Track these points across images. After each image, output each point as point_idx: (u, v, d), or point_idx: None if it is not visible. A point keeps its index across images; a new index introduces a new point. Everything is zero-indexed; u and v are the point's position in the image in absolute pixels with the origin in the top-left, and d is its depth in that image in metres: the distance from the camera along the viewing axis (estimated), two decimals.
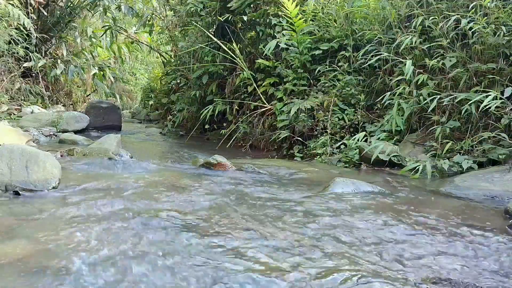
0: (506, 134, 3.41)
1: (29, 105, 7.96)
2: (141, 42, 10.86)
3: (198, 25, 6.51)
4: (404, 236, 1.96)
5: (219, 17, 6.31)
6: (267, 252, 1.68)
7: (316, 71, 5.33)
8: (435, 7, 4.36)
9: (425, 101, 3.98)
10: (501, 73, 3.79)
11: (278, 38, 5.50)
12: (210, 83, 6.67)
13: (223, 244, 1.74)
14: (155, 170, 3.42)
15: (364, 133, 4.28)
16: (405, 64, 4.16)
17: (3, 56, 7.65)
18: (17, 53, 7.77)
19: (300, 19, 5.26)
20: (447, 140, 3.69)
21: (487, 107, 3.40)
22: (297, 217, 2.19)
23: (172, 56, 9.38)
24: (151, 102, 11.34)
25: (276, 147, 5.37)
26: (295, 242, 1.81)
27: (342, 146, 4.44)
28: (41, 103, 8.57)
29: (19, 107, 7.69)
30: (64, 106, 9.64)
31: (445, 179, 3.29)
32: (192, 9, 6.65)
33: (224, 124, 6.42)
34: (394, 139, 4.27)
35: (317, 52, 5.39)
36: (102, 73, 10.03)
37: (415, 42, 4.30)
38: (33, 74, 8.73)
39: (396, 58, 4.48)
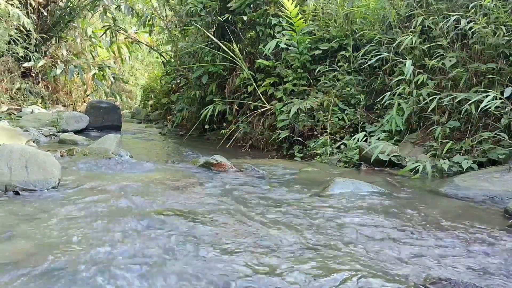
0: (506, 134, 3.41)
1: (29, 105, 7.96)
2: (141, 42, 10.86)
3: (198, 25, 6.51)
4: (404, 236, 1.96)
5: (219, 17, 6.31)
6: (266, 252, 1.67)
7: (316, 71, 5.33)
8: (435, 7, 4.36)
9: (425, 101, 3.98)
10: (501, 73, 3.79)
11: (278, 38, 5.50)
12: (210, 83, 6.67)
13: (223, 244, 1.74)
14: (155, 170, 3.42)
15: (364, 133, 4.28)
16: (405, 64, 4.16)
17: (3, 56, 7.65)
18: (17, 53, 7.77)
19: (300, 19, 5.27)
20: (447, 140, 3.69)
21: (487, 107, 3.40)
22: (297, 217, 2.19)
23: (172, 56, 9.37)
24: (151, 102, 11.34)
25: (276, 147, 5.37)
26: (295, 242, 1.81)
27: (342, 146, 4.44)
28: (41, 103, 8.57)
29: (19, 107, 7.69)
30: (64, 106, 9.65)
31: (445, 179, 3.29)
32: (192, 9, 6.65)
33: (224, 124, 6.42)
34: (394, 139, 4.26)
35: (317, 52, 5.39)
36: (102, 73, 10.03)
37: (415, 42, 4.30)
38: (33, 74, 8.73)
39: (396, 58, 4.48)
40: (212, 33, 6.36)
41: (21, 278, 1.37)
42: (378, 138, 4.13)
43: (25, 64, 8.21)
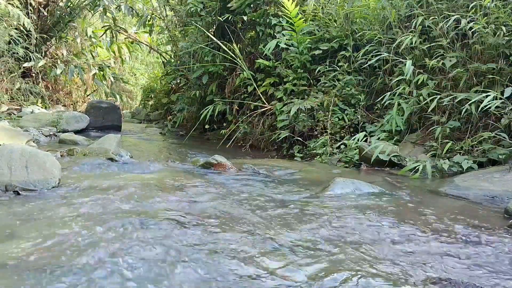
0: (506, 134, 3.41)
1: (29, 105, 7.97)
2: (141, 42, 10.86)
3: (198, 25, 6.51)
4: (404, 236, 1.96)
5: (219, 17, 6.31)
6: (266, 253, 1.68)
7: (316, 71, 5.33)
8: (435, 7, 4.36)
9: (425, 101, 3.98)
10: (501, 73, 3.79)
11: (278, 38, 5.50)
12: (210, 83, 6.67)
13: (223, 244, 1.74)
14: (155, 170, 3.42)
15: (364, 133, 4.28)
16: (405, 64, 4.16)
17: (3, 56, 7.65)
18: (17, 53, 7.78)
19: (300, 19, 5.27)
20: (447, 140, 3.69)
21: (487, 107, 3.40)
22: (297, 217, 2.19)
23: (172, 56, 9.37)
24: (151, 102, 11.35)
25: (276, 147, 5.38)
26: (295, 242, 1.81)
27: (342, 146, 4.44)
28: (41, 103, 8.58)
29: (19, 107, 7.70)
30: (64, 106, 9.66)
31: (445, 179, 3.29)
32: (192, 9, 6.65)
33: (224, 124, 6.42)
34: (394, 139, 4.27)
35: (317, 52, 5.39)
36: (102, 73, 10.03)
37: (415, 42, 4.30)
38: (33, 74, 8.74)
39: (396, 58, 4.48)
40: (212, 33, 6.36)
41: (21, 278, 1.37)
42: (378, 138, 4.14)
43: (25, 64, 8.21)
